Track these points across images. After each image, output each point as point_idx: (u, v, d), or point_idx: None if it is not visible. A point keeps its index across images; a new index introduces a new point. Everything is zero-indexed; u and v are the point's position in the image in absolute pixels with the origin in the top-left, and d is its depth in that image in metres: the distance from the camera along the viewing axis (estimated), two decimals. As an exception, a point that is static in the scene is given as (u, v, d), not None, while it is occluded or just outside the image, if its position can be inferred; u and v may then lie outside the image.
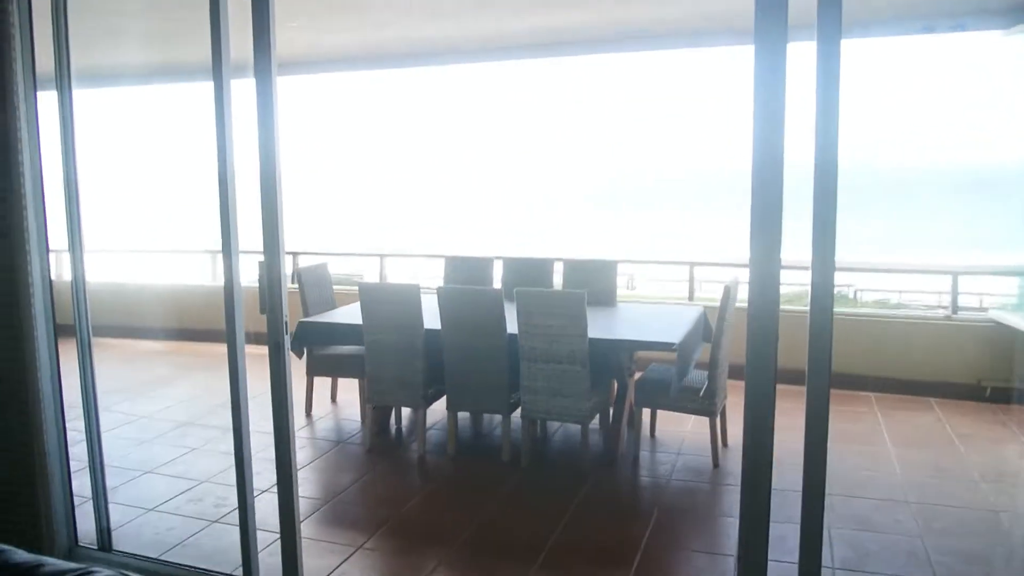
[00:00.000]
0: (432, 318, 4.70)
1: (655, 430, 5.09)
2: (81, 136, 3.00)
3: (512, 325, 4.54)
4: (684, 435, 5.08)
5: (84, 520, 3.39)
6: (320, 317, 5.35)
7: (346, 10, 5.53)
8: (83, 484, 3.36)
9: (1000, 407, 5.69)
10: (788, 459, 2.38)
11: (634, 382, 4.80)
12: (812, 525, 2.22)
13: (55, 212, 2.87)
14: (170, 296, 8.61)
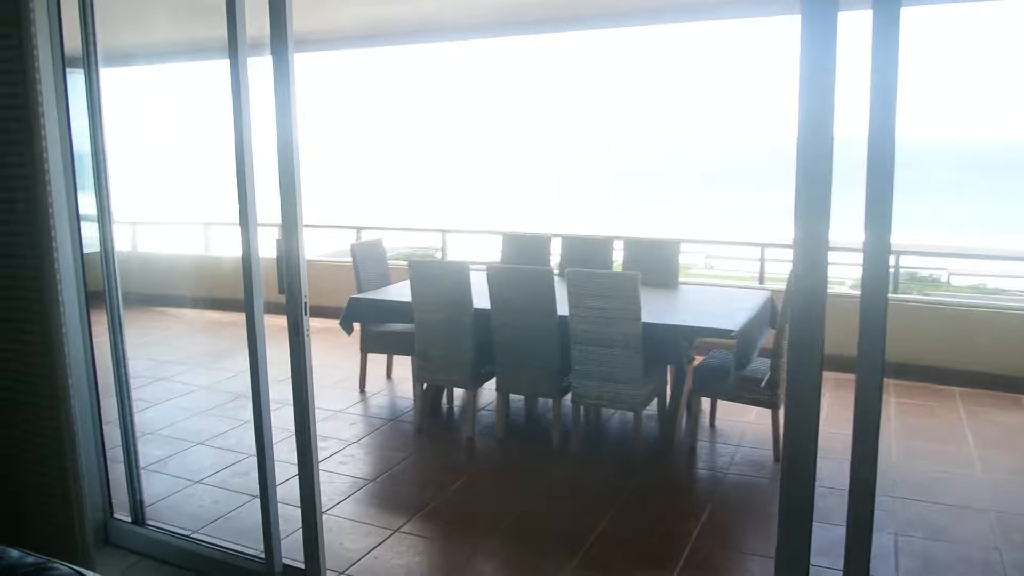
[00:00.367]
0: (483, 297, 4.57)
1: (715, 419, 4.85)
2: (117, 115, 2.99)
3: (563, 306, 4.36)
4: (746, 426, 4.82)
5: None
6: (371, 294, 5.28)
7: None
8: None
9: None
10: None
11: (692, 369, 4.56)
12: (860, 530, 2.00)
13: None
14: (236, 268, 8.74)
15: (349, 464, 4.36)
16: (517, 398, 5.28)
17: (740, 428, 4.79)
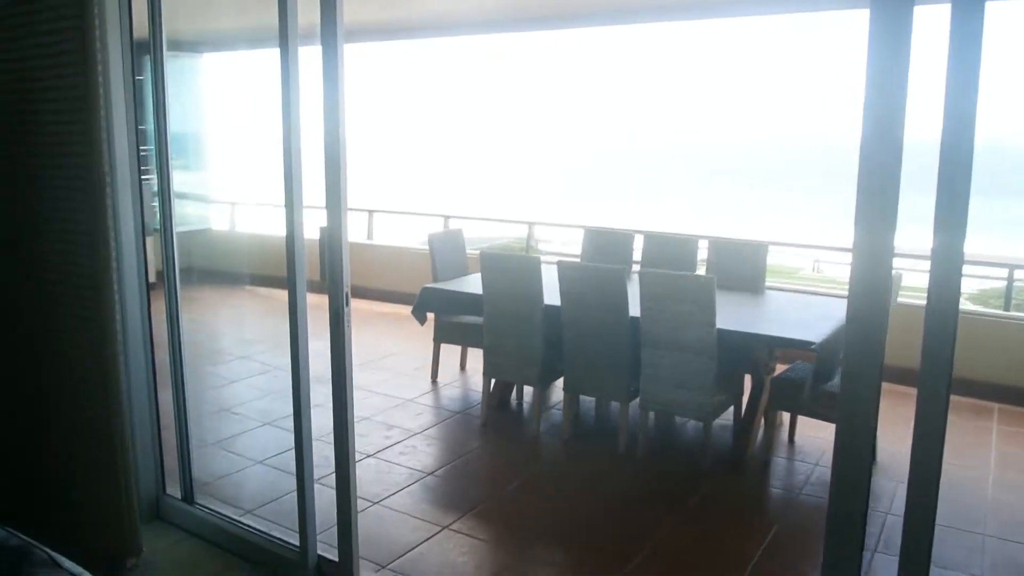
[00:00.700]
0: (555, 293, 4.44)
1: (795, 435, 4.56)
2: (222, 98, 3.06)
3: (636, 307, 4.19)
4: (828, 444, 4.47)
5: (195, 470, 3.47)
6: (444, 284, 5.24)
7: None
8: (203, 431, 3.37)
9: None
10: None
11: (771, 380, 4.30)
12: (913, 563, 1.79)
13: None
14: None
15: (409, 455, 4.33)
16: (589, 399, 5.13)
17: (821, 445, 4.49)
